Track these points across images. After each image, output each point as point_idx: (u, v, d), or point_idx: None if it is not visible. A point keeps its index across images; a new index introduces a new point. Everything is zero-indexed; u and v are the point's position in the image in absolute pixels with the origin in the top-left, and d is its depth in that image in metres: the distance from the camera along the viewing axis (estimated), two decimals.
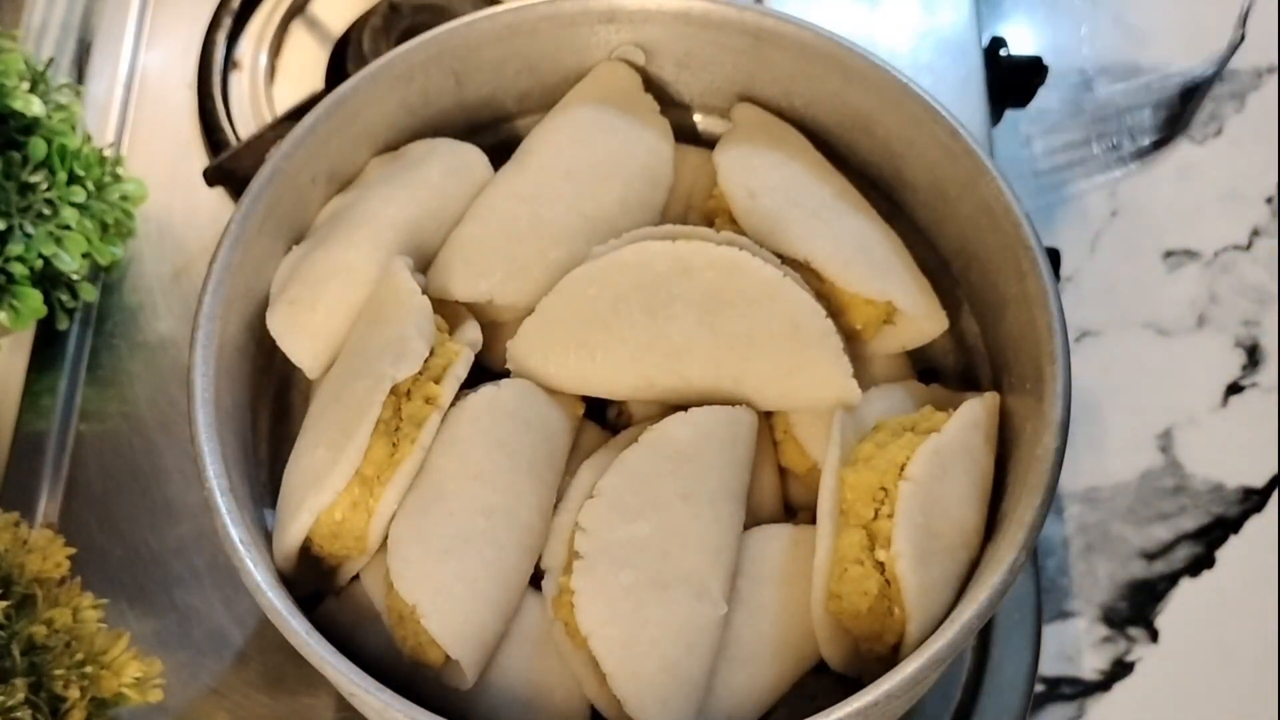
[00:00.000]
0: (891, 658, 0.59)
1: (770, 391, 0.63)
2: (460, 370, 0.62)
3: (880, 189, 0.71)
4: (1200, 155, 0.93)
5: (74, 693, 0.58)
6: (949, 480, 0.60)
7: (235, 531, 0.57)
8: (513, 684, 0.60)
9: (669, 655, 0.58)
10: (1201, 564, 0.80)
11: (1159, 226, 0.91)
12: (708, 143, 0.74)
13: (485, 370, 0.67)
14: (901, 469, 0.59)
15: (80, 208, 0.74)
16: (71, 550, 0.62)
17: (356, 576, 0.63)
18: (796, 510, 0.67)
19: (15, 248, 0.71)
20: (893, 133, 0.68)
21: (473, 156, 0.71)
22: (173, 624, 0.71)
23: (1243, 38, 0.91)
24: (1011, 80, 0.87)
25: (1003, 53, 0.88)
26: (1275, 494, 0.82)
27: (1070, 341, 0.60)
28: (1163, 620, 0.79)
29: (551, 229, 0.67)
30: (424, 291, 0.63)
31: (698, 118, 0.76)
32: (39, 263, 0.72)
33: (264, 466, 0.67)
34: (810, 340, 0.62)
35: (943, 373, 0.70)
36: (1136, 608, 0.79)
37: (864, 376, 0.66)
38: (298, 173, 0.67)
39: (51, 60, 0.79)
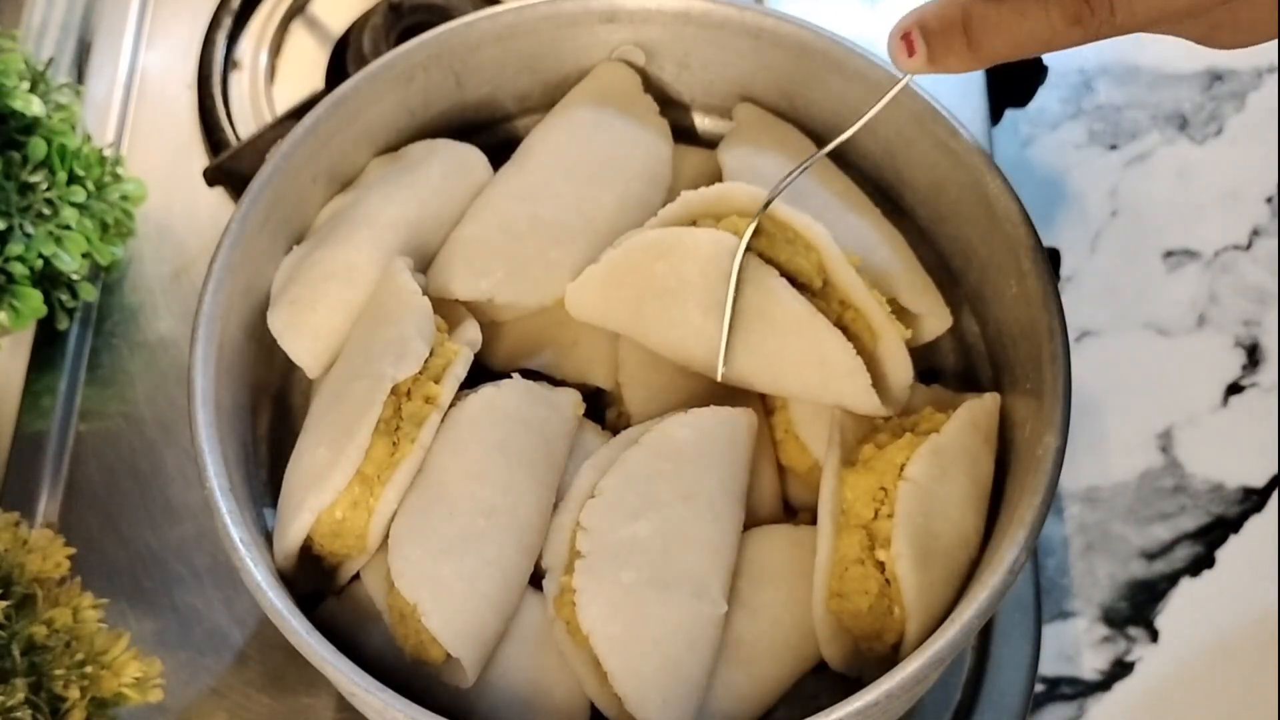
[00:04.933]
0: (891, 657, 0.59)
1: (799, 399, 0.65)
2: (460, 370, 0.63)
3: (880, 189, 0.71)
4: (1200, 155, 0.93)
5: (74, 693, 0.58)
6: (949, 481, 0.60)
7: (235, 531, 0.58)
8: (513, 683, 0.60)
9: (669, 654, 0.58)
10: (1201, 564, 0.80)
11: (1159, 226, 0.91)
12: (708, 143, 0.74)
13: (485, 370, 0.67)
14: (901, 469, 0.59)
15: (80, 208, 0.74)
16: (71, 550, 0.62)
17: (357, 576, 0.63)
18: (796, 510, 0.67)
19: (15, 248, 0.71)
20: (893, 133, 0.68)
21: (473, 157, 0.71)
22: (173, 624, 0.71)
23: None
24: (1011, 80, 0.87)
25: None
26: (1275, 494, 0.82)
27: (1070, 341, 0.60)
28: (1163, 620, 0.79)
29: (551, 229, 0.67)
30: (424, 291, 0.63)
31: (698, 118, 0.76)
32: (39, 263, 0.72)
33: (264, 466, 0.67)
34: (838, 375, 0.61)
35: (943, 373, 0.70)
36: (1136, 608, 0.79)
37: None
38: (298, 172, 0.67)
39: (51, 60, 0.79)
